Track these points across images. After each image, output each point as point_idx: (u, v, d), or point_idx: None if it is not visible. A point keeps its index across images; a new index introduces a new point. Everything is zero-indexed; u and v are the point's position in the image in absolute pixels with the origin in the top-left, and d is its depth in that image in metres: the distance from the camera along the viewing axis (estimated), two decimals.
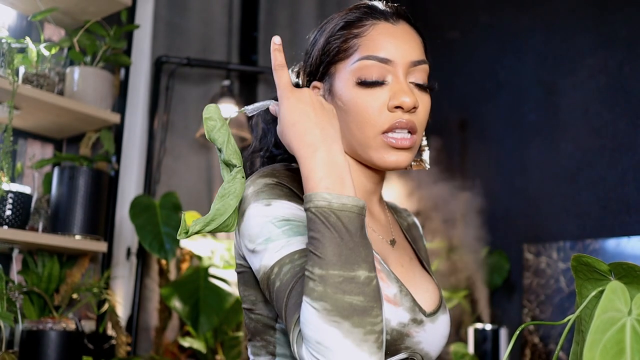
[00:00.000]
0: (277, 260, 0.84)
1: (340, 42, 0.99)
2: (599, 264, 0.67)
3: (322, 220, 0.75)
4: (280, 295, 0.82)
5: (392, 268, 0.99)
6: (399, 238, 1.08)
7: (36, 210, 2.01)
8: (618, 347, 0.56)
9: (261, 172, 0.94)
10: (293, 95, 0.86)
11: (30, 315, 1.88)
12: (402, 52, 0.97)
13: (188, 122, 2.62)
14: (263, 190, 0.90)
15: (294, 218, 0.87)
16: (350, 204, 0.76)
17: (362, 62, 0.96)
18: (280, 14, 2.96)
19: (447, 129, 3.05)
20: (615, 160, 2.54)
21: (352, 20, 1.00)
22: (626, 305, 0.59)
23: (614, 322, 0.57)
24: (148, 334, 2.36)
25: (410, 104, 0.94)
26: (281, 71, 0.88)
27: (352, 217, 0.76)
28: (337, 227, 0.75)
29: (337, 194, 0.76)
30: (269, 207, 0.88)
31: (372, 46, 0.97)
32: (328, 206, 0.75)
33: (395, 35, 0.98)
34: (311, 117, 0.83)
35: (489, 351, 2.52)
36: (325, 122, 0.83)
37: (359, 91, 0.96)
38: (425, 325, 0.96)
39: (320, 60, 1.01)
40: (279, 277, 0.82)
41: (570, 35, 2.77)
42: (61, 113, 1.98)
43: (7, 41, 1.85)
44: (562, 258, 2.62)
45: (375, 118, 0.95)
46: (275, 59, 0.89)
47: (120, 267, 2.31)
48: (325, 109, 0.86)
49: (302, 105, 0.85)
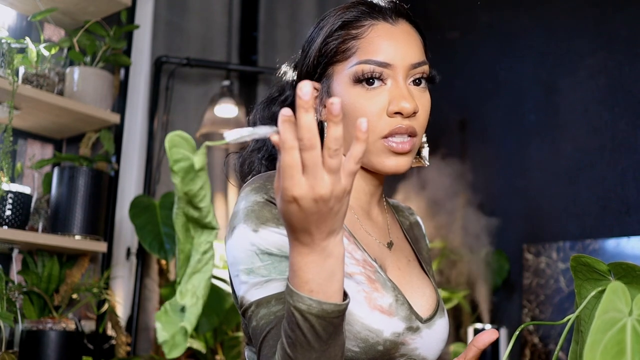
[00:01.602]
0: (255, 300, 0.86)
1: (338, 43, 0.97)
2: (599, 264, 0.67)
3: (298, 323, 0.72)
4: (255, 337, 0.85)
5: (388, 272, 0.98)
6: (397, 239, 1.07)
7: (36, 210, 2.01)
8: (618, 348, 0.56)
9: (254, 184, 0.93)
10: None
11: (30, 315, 1.88)
12: (402, 54, 0.95)
13: (188, 122, 2.62)
14: (253, 210, 0.89)
15: (277, 251, 0.87)
16: (331, 310, 0.71)
17: (361, 66, 0.94)
18: (280, 14, 2.96)
19: (447, 129, 3.05)
20: (615, 160, 2.54)
21: (350, 19, 0.98)
22: (627, 306, 0.59)
23: (614, 323, 0.57)
24: (148, 334, 2.35)
25: (410, 109, 0.93)
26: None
27: (327, 324, 0.72)
28: (311, 333, 0.72)
29: (319, 300, 0.71)
30: (255, 235, 0.88)
31: (370, 50, 0.95)
32: (307, 310, 0.71)
33: (395, 37, 0.96)
34: (308, 213, 0.68)
35: (488, 351, 2.52)
36: (325, 213, 0.67)
37: (357, 92, 0.94)
38: (422, 332, 0.95)
39: (317, 61, 0.99)
40: (255, 317, 0.85)
41: (570, 35, 2.77)
42: (61, 113, 1.98)
43: (7, 41, 1.85)
44: (562, 258, 2.62)
45: (374, 123, 0.93)
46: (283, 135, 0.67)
47: (120, 267, 2.31)
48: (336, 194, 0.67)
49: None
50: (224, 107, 2.54)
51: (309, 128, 0.63)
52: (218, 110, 2.54)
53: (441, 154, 2.80)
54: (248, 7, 2.95)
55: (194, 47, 2.68)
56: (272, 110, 1.07)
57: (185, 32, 2.67)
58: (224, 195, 2.68)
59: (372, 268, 0.94)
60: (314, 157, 0.64)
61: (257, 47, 2.92)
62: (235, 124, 2.54)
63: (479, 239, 2.79)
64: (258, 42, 2.92)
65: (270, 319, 0.84)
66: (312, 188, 0.65)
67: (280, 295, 0.85)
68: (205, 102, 2.63)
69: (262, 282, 0.86)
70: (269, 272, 0.86)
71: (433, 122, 1.06)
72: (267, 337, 0.83)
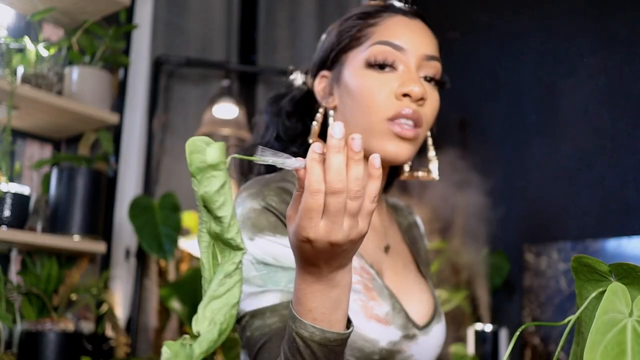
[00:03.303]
0: (250, 310, 0.85)
1: (355, 31, 0.98)
2: (600, 265, 0.67)
3: (299, 349, 0.70)
4: (250, 348, 0.85)
5: (385, 278, 0.98)
6: (394, 242, 1.06)
7: (35, 210, 2.00)
8: (619, 349, 0.55)
9: (251, 189, 0.91)
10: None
11: (28, 316, 1.87)
12: (417, 43, 0.96)
13: (187, 122, 2.62)
14: (249, 218, 0.88)
15: (272, 261, 0.86)
16: (333, 339, 0.70)
17: (376, 46, 0.95)
18: (280, 14, 2.96)
19: (447, 129, 3.05)
20: (615, 161, 2.54)
21: (369, 11, 1.00)
22: (627, 307, 0.58)
23: (615, 324, 0.57)
24: (147, 334, 2.35)
25: (419, 93, 0.93)
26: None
27: (329, 351, 0.71)
28: (312, 358, 0.71)
29: (322, 328, 0.69)
30: (251, 244, 0.87)
31: (386, 33, 0.96)
32: (309, 337, 0.69)
33: (411, 28, 0.98)
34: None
35: (489, 352, 2.52)
36: (338, 254, 0.65)
37: (368, 74, 0.94)
38: (419, 339, 0.95)
39: (332, 48, 1.00)
40: (250, 327, 0.85)
41: (570, 35, 2.76)
42: (60, 113, 1.98)
43: (5, 41, 1.85)
44: (563, 258, 2.62)
45: (381, 103, 0.93)
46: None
47: (119, 268, 2.30)
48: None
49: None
50: (224, 107, 2.54)
51: (338, 171, 0.59)
52: (217, 110, 2.54)
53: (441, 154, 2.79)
54: (248, 7, 2.95)
55: (194, 47, 2.68)
56: (280, 105, 1.07)
57: (185, 32, 2.67)
58: None
59: (369, 275, 0.94)
60: (339, 203, 0.60)
61: (256, 47, 2.92)
62: (234, 124, 2.54)
63: (479, 239, 2.79)
64: (258, 42, 2.92)
65: (264, 332, 0.83)
66: (329, 233, 0.62)
67: (275, 308, 0.84)
68: (205, 102, 2.63)
69: (257, 293, 0.85)
70: (265, 282, 0.85)
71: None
72: (261, 350, 0.83)
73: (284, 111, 1.06)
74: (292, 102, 1.07)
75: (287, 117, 1.05)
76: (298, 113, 1.06)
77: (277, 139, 1.06)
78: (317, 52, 1.05)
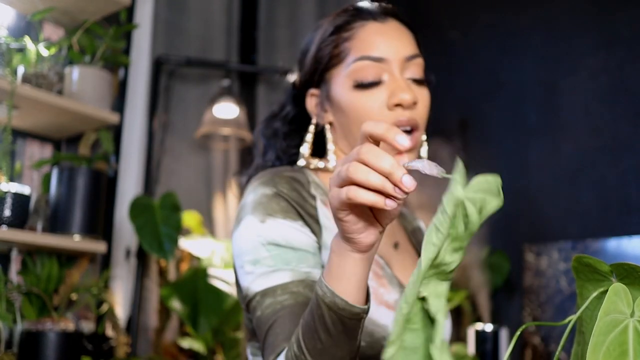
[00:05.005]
0: (261, 290, 0.86)
1: (331, 48, 0.99)
2: (600, 265, 0.67)
3: (312, 308, 0.73)
4: (260, 327, 0.85)
5: (395, 271, 0.99)
6: (402, 241, 1.08)
7: (35, 210, 2.00)
8: (621, 349, 0.55)
9: (262, 178, 0.95)
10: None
11: (29, 315, 1.87)
12: (395, 48, 0.97)
13: (187, 122, 2.62)
14: (261, 202, 0.90)
15: (283, 242, 0.88)
16: (342, 306, 0.71)
17: (357, 63, 0.96)
18: (280, 13, 2.96)
19: (447, 129, 3.05)
20: (615, 160, 2.54)
21: (340, 24, 1.00)
22: (629, 307, 0.58)
23: (616, 324, 0.57)
24: (147, 334, 2.35)
25: (410, 100, 0.94)
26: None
27: (337, 319, 0.71)
28: (320, 322, 0.72)
29: (333, 291, 0.71)
30: (262, 225, 0.89)
31: (363, 47, 0.96)
32: (322, 297, 0.71)
33: (385, 33, 0.98)
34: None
35: (489, 352, 2.52)
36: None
37: (357, 94, 0.96)
38: None
39: (314, 68, 1.01)
40: (260, 307, 0.85)
41: (570, 35, 2.76)
42: (60, 113, 1.98)
43: (5, 41, 1.84)
44: (563, 258, 2.62)
45: (376, 119, 0.94)
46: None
47: (120, 268, 2.30)
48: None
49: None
50: (224, 107, 2.54)
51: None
52: (218, 109, 2.54)
53: (441, 154, 2.79)
54: (248, 7, 2.95)
55: (194, 47, 2.68)
56: (274, 127, 1.09)
57: (185, 31, 2.67)
58: (223, 196, 2.67)
59: (379, 265, 0.96)
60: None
61: (256, 46, 2.92)
62: (235, 124, 2.54)
63: (480, 239, 2.79)
64: (258, 41, 2.92)
65: (276, 308, 0.84)
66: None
67: (286, 285, 0.85)
68: (205, 101, 2.63)
69: (268, 272, 0.87)
70: (275, 262, 0.87)
71: (433, 122, 1.05)
72: (273, 326, 0.83)
73: (280, 133, 1.07)
74: (286, 122, 1.08)
75: (283, 138, 1.07)
76: (294, 132, 1.08)
77: (277, 159, 1.08)
78: (299, 68, 1.06)
